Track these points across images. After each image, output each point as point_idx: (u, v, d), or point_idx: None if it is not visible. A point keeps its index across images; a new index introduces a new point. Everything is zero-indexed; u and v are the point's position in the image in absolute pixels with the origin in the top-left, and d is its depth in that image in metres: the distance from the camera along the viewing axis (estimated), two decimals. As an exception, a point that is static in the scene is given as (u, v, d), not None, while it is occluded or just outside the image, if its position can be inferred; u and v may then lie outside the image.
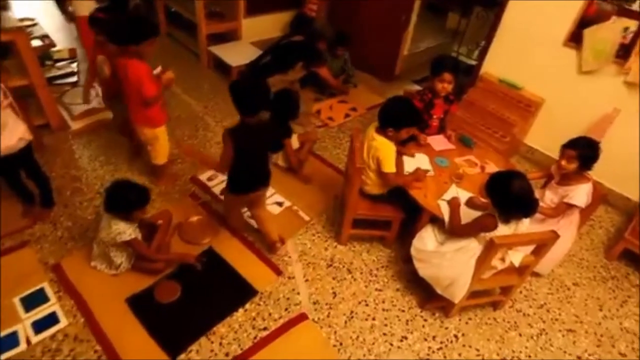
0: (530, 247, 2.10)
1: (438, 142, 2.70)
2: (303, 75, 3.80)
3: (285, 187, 2.96)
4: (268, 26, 4.53)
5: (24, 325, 1.99)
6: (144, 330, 2.03)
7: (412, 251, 2.22)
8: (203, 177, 2.98)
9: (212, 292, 2.25)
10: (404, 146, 2.57)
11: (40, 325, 2.00)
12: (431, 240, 2.17)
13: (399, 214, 2.46)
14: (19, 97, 2.31)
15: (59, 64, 3.88)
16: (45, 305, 2.08)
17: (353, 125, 3.74)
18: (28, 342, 1.94)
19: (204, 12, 4.08)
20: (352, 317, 2.24)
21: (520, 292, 2.50)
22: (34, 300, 2.10)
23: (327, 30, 3.98)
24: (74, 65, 3.93)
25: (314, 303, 2.27)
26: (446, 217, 2.11)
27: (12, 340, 1.93)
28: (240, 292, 2.26)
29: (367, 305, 2.31)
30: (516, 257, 2.04)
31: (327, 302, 2.29)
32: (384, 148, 2.23)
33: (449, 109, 2.78)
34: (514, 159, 3.60)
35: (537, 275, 2.58)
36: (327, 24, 4.31)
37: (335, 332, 2.15)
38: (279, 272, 2.39)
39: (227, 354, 1.99)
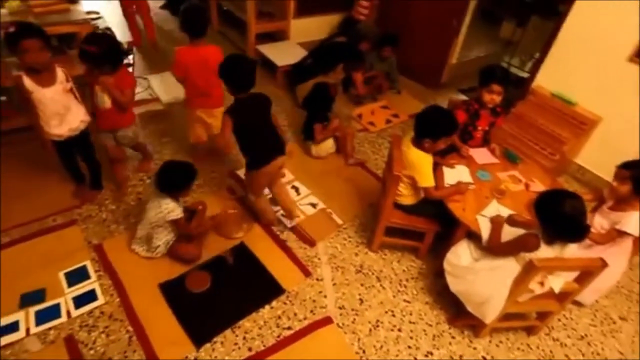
0: (574, 274, 1.97)
1: (481, 154, 2.60)
2: (344, 77, 3.79)
3: (321, 189, 2.97)
4: (317, 27, 4.57)
5: (65, 298, 2.12)
6: (173, 317, 2.10)
7: (445, 265, 2.15)
8: (240, 172, 3.03)
9: (240, 287, 2.28)
10: (443, 157, 2.51)
11: (80, 301, 2.12)
12: (466, 256, 2.09)
13: (434, 226, 2.40)
14: (78, 85, 2.45)
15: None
16: (86, 282, 2.20)
17: (394, 131, 3.69)
18: (69, 315, 2.06)
19: (254, 11, 4.18)
20: (377, 326, 2.20)
21: (559, 320, 2.36)
22: (77, 276, 2.22)
23: (371, 31, 3.93)
24: (130, 57, 4.13)
25: (340, 308, 2.26)
26: (484, 234, 2.02)
27: (55, 312, 2.05)
28: (267, 289, 2.29)
29: (393, 315, 2.27)
30: (557, 282, 1.92)
31: (353, 308, 2.27)
32: (419, 161, 2.18)
33: (495, 122, 2.68)
34: (562, 178, 3.41)
35: (579, 304, 2.43)
36: (372, 25, 4.25)
37: (358, 340, 2.13)
38: (307, 273, 2.40)
39: (250, 349, 2.02)
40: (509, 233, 1.98)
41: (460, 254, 2.11)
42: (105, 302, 2.13)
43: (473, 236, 2.13)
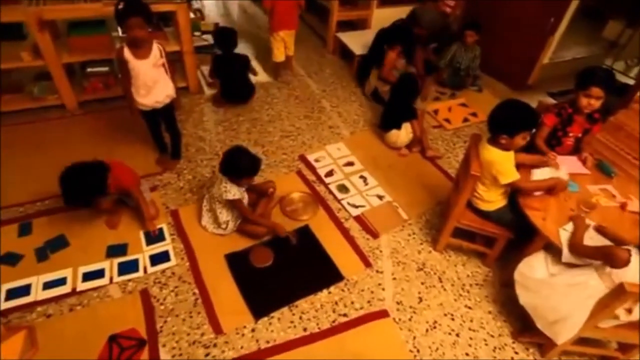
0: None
1: (570, 163, 2.38)
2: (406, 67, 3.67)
3: (389, 182, 2.92)
4: (399, 18, 4.44)
5: (144, 255, 2.30)
6: (235, 287, 2.19)
7: (516, 275, 2.02)
8: (311, 157, 3.08)
9: (301, 268, 2.33)
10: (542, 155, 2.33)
11: (155, 259, 2.29)
12: (542, 269, 1.94)
13: (507, 233, 2.26)
14: (167, 60, 2.61)
15: (204, 36, 4.32)
16: (161, 243, 2.37)
17: (471, 131, 3.50)
18: (145, 270, 2.23)
19: (338, -2, 4.18)
20: (434, 327, 2.13)
21: (643, 354, 2.12)
22: (154, 236, 2.40)
23: (430, 19, 3.74)
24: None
25: (398, 303, 2.22)
26: (565, 249, 1.86)
27: (134, 266, 2.24)
28: (327, 274, 2.31)
29: (453, 319, 2.18)
30: (649, 313, 1.72)
31: (411, 306, 2.22)
32: (497, 158, 2.05)
33: (590, 129, 2.44)
34: (662, 199, 3.03)
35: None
36: (433, 13, 3.91)
37: (414, 338, 2.08)
38: (368, 264, 2.38)
39: (305, 329, 2.06)
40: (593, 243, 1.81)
41: (535, 266, 1.96)
42: (176, 264, 2.28)
43: (551, 249, 1.98)
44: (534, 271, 1.95)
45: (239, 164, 2.26)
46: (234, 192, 2.26)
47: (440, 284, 2.35)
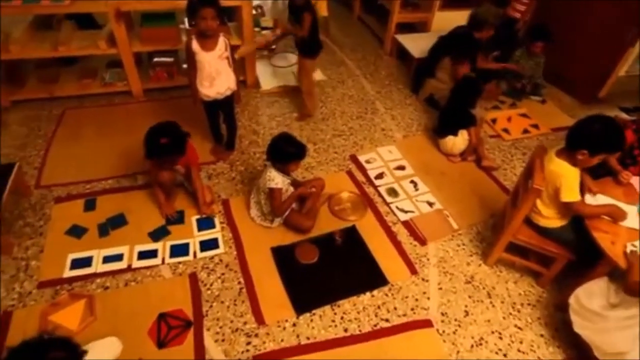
0: None
1: (645, 185, 2.21)
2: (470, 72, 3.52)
3: (441, 190, 2.85)
4: (461, 21, 4.30)
5: (194, 241, 2.38)
6: (279, 280, 2.22)
7: (572, 301, 1.88)
8: (362, 158, 3.06)
9: (345, 268, 2.31)
10: (596, 181, 2.18)
11: (205, 245, 2.36)
12: (601, 298, 1.80)
13: (567, 253, 2.12)
14: (231, 54, 2.68)
15: (264, 32, 4.41)
16: (211, 231, 2.45)
17: (531, 143, 3.34)
18: (194, 255, 2.31)
19: (400, 0, 4.11)
20: (480, 344, 2.05)
21: None
22: (205, 223, 2.48)
23: (491, 14, 3.37)
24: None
25: (443, 314, 2.15)
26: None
27: (185, 250, 2.33)
28: (372, 277, 2.28)
29: (501, 338, 2.08)
30: None
31: (457, 319, 2.14)
32: (566, 173, 1.91)
33: (671, 149, 2.24)
34: None
35: None
36: (490, 6, 3.51)
37: (458, 352, 2.00)
38: (413, 271, 2.32)
39: (345, 330, 2.04)
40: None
41: (595, 294, 1.82)
42: (224, 251, 2.34)
43: (616, 276, 1.83)
44: (591, 300, 1.82)
45: (285, 148, 2.27)
46: (277, 181, 2.28)
47: (489, 299, 2.25)
